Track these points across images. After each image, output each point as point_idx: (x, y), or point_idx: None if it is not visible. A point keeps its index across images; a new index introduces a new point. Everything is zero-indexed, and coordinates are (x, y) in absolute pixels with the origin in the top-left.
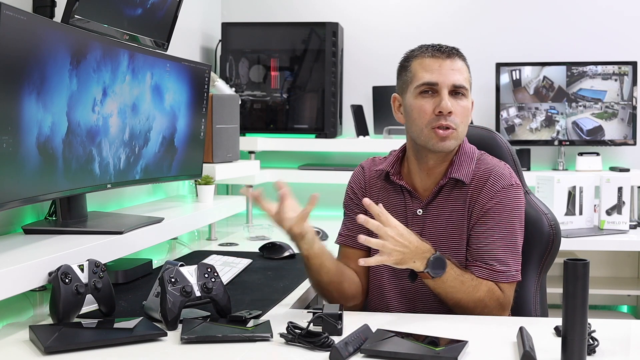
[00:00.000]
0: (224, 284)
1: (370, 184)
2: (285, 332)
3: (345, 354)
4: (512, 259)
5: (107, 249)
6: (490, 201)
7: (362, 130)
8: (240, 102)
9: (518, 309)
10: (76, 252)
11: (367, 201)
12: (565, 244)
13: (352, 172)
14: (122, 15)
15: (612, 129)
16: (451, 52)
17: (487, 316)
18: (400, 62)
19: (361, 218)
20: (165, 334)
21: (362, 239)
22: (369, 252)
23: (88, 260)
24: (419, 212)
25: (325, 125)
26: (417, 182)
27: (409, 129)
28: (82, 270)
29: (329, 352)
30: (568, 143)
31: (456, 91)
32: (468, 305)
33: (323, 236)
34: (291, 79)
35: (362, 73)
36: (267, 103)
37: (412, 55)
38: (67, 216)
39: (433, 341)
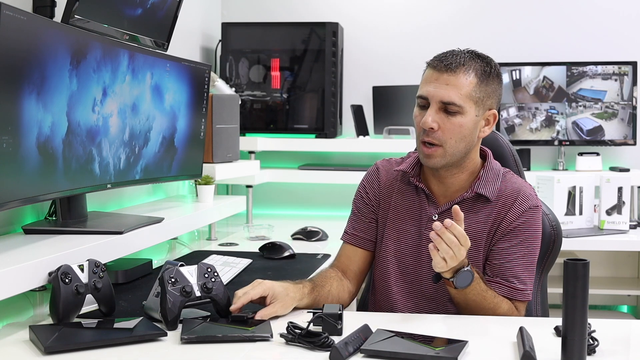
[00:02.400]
0: (224, 284)
1: (386, 184)
2: (285, 332)
3: (345, 354)
4: (529, 279)
5: (107, 249)
6: (516, 220)
7: (362, 130)
8: (240, 102)
9: None
10: (76, 252)
11: (456, 209)
12: (566, 244)
13: (367, 170)
14: (122, 15)
15: (612, 129)
16: (452, 65)
17: (487, 316)
18: None
19: (437, 225)
20: (165, 334)
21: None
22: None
23: (88, 260)
24: (435, 217)
25: (325, 125)
26: (434, 187)
27: None
28: (82, 270)
29: (329, 352)
30: (568, 143)
31: (447, 108)
32: (489, 315)
33: (323, 236)
34: (291, 79)
35: (362, 73)
36: (267, 103)
37: (428, 62)
38: (67, 216)
39: (433, 341)
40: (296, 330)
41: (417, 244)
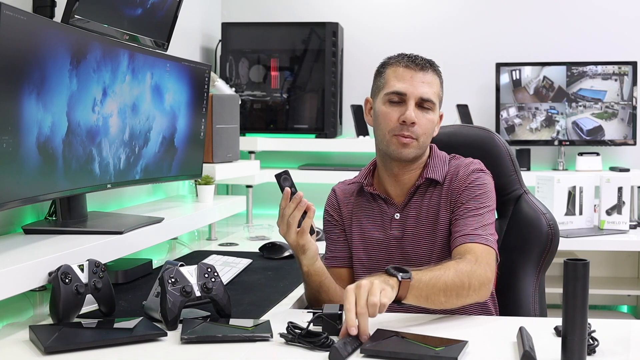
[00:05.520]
0: (224, 284)
1: (344, 202)
2: (285, 332)
3: (344, 354)
4: (481, 228)
5: (107, 249)
6: (464, 183)
7: (362, 130)
8: (240, 102)
9: (517, 309)
10: (76, 252)
11: None
12: (565, 244)
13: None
14: (122, 15)
15: (612, 129)
16: (425, 65)
17: (487, 316)
18: (377, 67)
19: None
20: (165, 334)
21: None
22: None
23: (88, 260)
24: (397, 216)
25: (325, 125)
26: (390, 189)
27: (374, 132)
28: (82, 270)
29: (328, 352)
30: (568, 143)
31: (423, 104)
32: (454, 283)
33: (323, 236)
34: (291, 79)
35: (362, 73)
36: (267, 103)
37: (389, 62)
38: (67, 216)
39: (433, 341)
40: (296, 330)
41: (385, 248)
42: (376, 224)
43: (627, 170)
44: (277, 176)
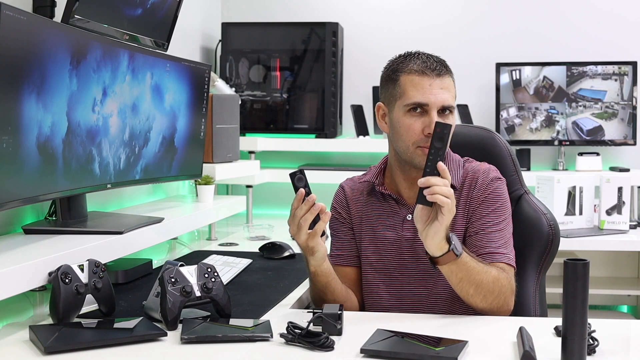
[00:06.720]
0: (224, 284)
1: (354, 200)
2: (285, 332)
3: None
4: (508, 245)
5: (107, 249)
6: (484, 192)
7: (362, 130)
8: (240, 102)
9: (517, 309)
10: (76, 252)
11: (441, 166)
12: (565, 244)
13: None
14: (122, 15)
15: (612, 129)
16: (441, 70)
17: (487, 316)
18: (386, 72)
19: (421, 181)
20: (165, 334)
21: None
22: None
23: (88, 260)
24: (409, 217)
25: (325, 125)
26: (403, 191)
27: (394, 142)
28: (82, 270)
29: (328, 350)
30: (568, 143)
31: (444, 110)
32: (488, 287)
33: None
34: (291, 79)
35: (362, 73)
36: (267, 103)
37: (401, 68)
38: (67, 216)
39: (433, 341)
40: (296, 330)
41: (397, 248)
42: (387, 224)
43: (627, 170)
44: (292, 175)
